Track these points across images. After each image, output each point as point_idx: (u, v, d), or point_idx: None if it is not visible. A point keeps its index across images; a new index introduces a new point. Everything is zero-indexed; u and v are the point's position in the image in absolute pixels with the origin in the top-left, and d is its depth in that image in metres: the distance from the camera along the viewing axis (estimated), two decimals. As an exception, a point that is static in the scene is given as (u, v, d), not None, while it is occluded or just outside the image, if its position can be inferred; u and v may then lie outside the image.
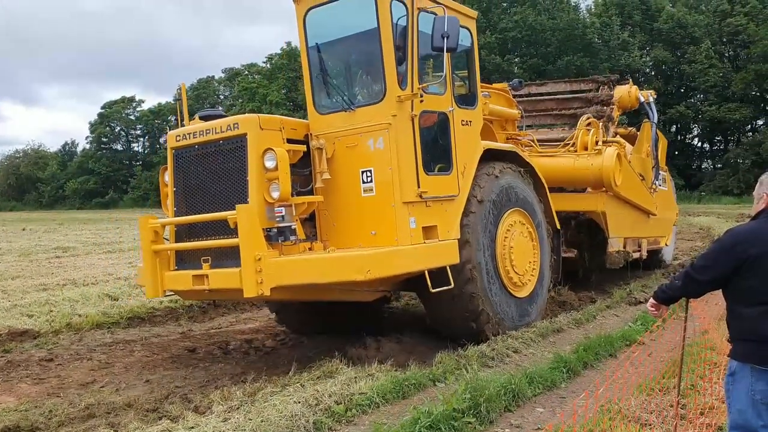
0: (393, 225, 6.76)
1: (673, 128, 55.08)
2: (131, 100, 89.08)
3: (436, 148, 7.43)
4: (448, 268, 7.00)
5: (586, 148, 10.26)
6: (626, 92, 12.61)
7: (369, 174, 6.88)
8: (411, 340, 7.47)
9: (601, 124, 10.72)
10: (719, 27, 52.23)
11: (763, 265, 3.35)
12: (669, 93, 52.24)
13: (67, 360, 7.64)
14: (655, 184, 12.34)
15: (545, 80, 13.90)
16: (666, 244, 14.03)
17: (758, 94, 51.63)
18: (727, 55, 54.07)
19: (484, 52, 43.60)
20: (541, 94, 12.81)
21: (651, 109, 13.01)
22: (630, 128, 13.84)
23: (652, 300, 3.95)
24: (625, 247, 11.35)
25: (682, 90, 54.63)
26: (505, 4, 51.88)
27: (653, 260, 13.78)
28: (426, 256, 6.80)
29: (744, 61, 50.87)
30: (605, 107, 11.88)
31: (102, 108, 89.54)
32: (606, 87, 12.29)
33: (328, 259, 6.42)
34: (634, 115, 17.80)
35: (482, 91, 9.11)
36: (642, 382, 6.16)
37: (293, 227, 6.50)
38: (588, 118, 10.80)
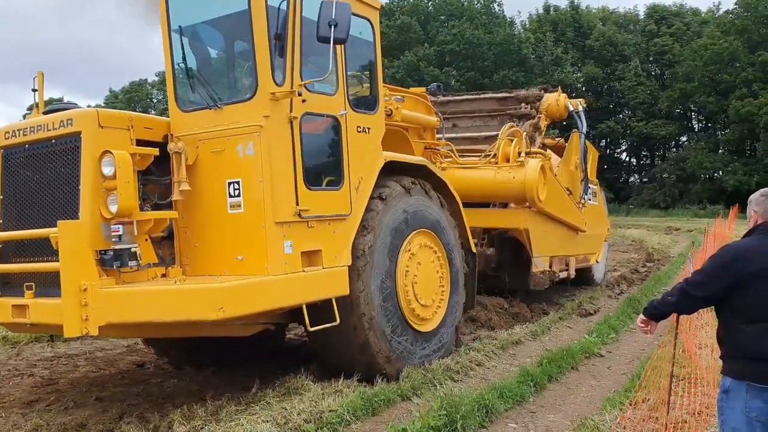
0: (263, 249, 5.52)
1: (603, 142, 56.72)
2: (59, 101, 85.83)
3: (323, 159, 6.35)
4: (334, 301, 5.88)
5: (508, 160, 9.49)
6: (554, 101, 11.87)
7: (237, 186, 5.64)
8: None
9: (525, 134, 9.95)
10: (647, 46, 54.29)
11: (762, 282, 3.35)
12: (600, 108, 53.79)
13: (6, 377, 7.13)
14: (584, 198, 11.72)
15: (462, 94, 13.15)
16: (597, 261, 13.25)
17: (682, 112, 53.84)
18: (654, 73, 56.17)
19: (423, 63, 43.98)
20: (461, 111, 12.05)
21: (580, 118, 12.15)
22: (558, 138, 13.15)
23: (642, 316, 3.91)
24: (551, 266, 10.51)
25: (612, 106, 56.37)
26: (443, 17, 52.46)
27: (583, 278, 12.86)
28: (304, 288, 5.67)
29: (670, 80, 53.03)
30: (529, 118, 11.35)
31: (29, 110, 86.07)
32: (527, 104, 11.74)
33: (172, 291, 5.15)
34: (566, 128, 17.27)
35: (395, 95, 8.55)
36: (608, 395, 6.19)
37: (133, 249, 5.30)
38: (511, 127, 10.07)
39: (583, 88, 56.54)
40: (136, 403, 6.04)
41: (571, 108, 12.00)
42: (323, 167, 6.27)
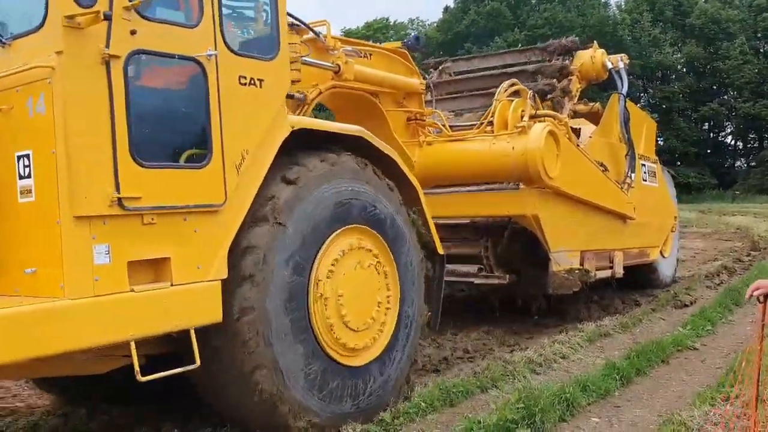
0: (57, 258, 3.69)
1: (706, 126, 54.20)
2: None
3: (173, 122, 4.41)
4: (193, 333, 4.10)
5: (508, 127, 7.58)
6: (589, 58, 9.68)
7: (27, 162, 3.83)
8: None
9: (531, 93, 7.86)
10: (754, 22, 51.26)
11: None
12: (702, 90, 51.36)
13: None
14: (630, 177, 9.43)
15: (475, 54, 10.79)
16: (662, 256, 11.13)
17: (794, 90, 50.64)
18: (762, 50, 53.00)
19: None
20: (470, 72, 10.04)
21: (621, 77, 9.92)
22: (593, 104, 10.45)
23: None
24: (582, 263, 8.34)
25: (715, 87, 53.67)
26: (534, 1, 51.40)
27: (643, 278, 10.86)
28: (133, 317, 3.86)
29: (780, 57, 49.93)
30: (558, 80, 9.17)
31: None
32: (559, 56, 9.61)
33: None
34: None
35: (348, 47, 6.68)
36: (700, 390, 5.89)
37: None
38: (512, 85, 8.03)
39: (684, 69, 54.10)
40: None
41: (610, 65, 9.84)
42: (174, 134, 4.37)
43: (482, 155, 7.54)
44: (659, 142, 50.71)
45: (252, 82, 4.54)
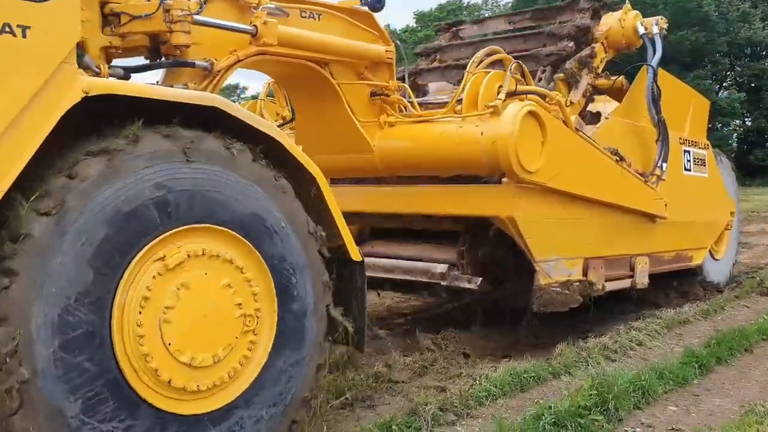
0: None
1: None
2: None
3: None
4: None
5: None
6: (617, 22, 7.88)
7: None
8: None
9: (513, 65, 6.16)
10: None
11: None
12: (796, 67, 48.76)
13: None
14: (661, 167, 7.58)
15: (484, 17, 8.00)
16: (713, 258, 9.43)
17: None
18: None
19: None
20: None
21: (654, 45, 7.95)
22: (617, 78, 8.41)
23: None
24: (586, 273, 6.66)
25: (811, 64, 50.85)
26: (614, -21, 49.79)
27: (689, 284, 9.16)
28: None
29: None
30: (576, 44, 7.52)
31: None
32: (585, 13, 7.80)
33: None
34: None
35: (268, 3, 5.22)
36: (787, 381, 5.66)
37: None
38: (490, 53, 6.48)
39: (776, 46, 51.46)
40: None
41: (643, 30, 7.99)
42: None
43: (448, 141, 5.93)
44: (747, 123, 48.77)
45: (7, 29, 3.18)
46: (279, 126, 6.85)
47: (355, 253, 4.42)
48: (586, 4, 7.87)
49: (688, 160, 8.54)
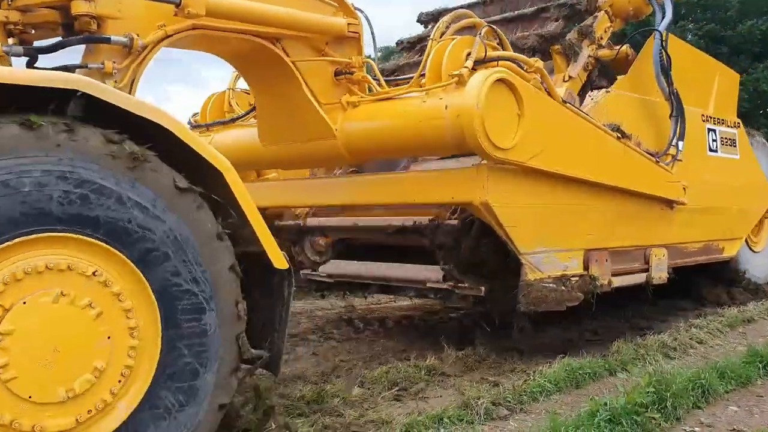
0: None
1: None
2: None
3: None
4: None
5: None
6: None
7: None
8: None
9: (484, 30, 5.34)
10: None
11: None
12: None
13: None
14: (677, 146, 6.79)
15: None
16: (751, 250, 8.71)
17: None
18: None
19: (653, 19, 40.99)
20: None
21: (664, 8, 7.20)
22: (621, 47, 7.22)
23: None
24: (587, 267, 5.94)
25: None
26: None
27: (721, 278, 8.46)
28: None
29: None
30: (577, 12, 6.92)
31: None
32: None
33: None
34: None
35: None
36: None
37: None
38: (458, 18, 5.84)
39: None
40: (347, 359, 6.40)
41: None
42: None
43: (411, 118, 5.22)
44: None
45: None
46: (242, 116, 6.57)
47: (278, 259, 3.58)
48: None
49: (714, 140, 7.65)
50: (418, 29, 8.54)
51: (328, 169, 7.24)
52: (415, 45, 8.02)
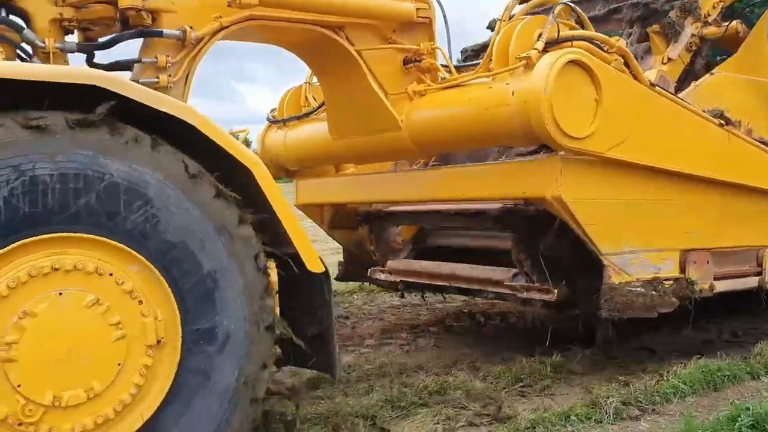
0: None
1: None
2: None
3: None
4: None
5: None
6: None
7: None
8: None
9: (558, 8, 4.71)
10: None
11: None
12: None
13: (361, 319, 8.15)
14: None
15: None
16: None
17: None
18: None
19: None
20: None
21: None
22: (728, 23, 6.36)
23: None
24: (683, 269, 5.25)
25: None
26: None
27: None
28: None
29: None
30: None
31: None
32: None
33: None
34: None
35: None
36: None
37: None
38: None
39: None
40: (468, 352, 6.36)
41: None
42: None
43: (475, 106, 4.77)
44: None
45: None
46: (314, 110, 6.29)
47: (313, 262, 3.50)
48: None
49: None
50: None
51: (407, 163, 6.70)
52: (479, 53, 7.33)
